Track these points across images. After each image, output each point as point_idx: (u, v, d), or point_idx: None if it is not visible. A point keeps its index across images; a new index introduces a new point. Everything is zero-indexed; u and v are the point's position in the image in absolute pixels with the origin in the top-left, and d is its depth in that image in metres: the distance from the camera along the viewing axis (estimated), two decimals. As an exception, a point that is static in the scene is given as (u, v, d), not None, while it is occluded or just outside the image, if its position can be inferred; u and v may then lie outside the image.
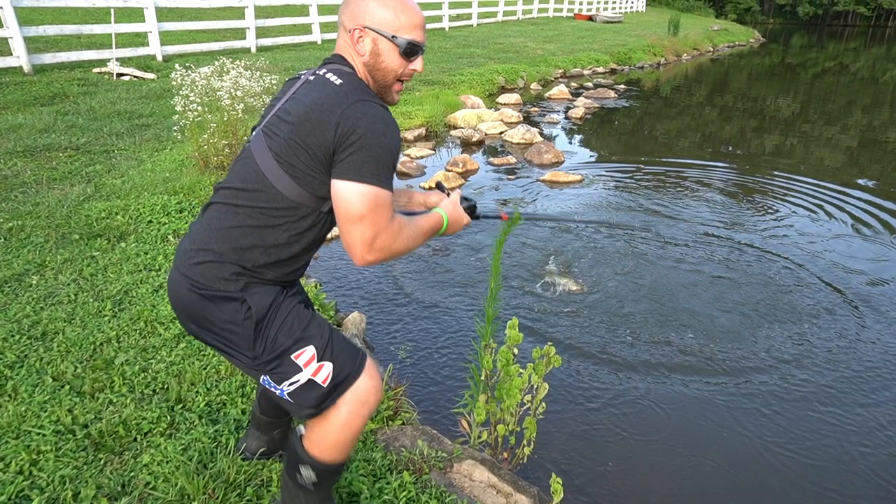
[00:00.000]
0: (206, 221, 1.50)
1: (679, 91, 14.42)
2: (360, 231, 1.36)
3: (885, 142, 9.51)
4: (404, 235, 1.46)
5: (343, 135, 1.34)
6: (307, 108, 1.39)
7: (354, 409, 1.51)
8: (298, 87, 1.49)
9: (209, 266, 1.45)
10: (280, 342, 1.46)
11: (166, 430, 2.23)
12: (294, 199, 1.43)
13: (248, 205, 1.45)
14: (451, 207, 1.68)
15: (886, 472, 2.57)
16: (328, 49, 13.66)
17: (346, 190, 1.35)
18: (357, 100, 1.37)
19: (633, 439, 2.72)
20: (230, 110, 5.16)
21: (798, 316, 3.83)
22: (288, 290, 1.56)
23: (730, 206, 6.09)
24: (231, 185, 1.49)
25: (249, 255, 1.46)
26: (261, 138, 1.47)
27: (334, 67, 1.48)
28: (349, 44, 1.50)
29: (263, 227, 1.45)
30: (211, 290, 1.44)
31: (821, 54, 25.80)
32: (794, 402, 2.99)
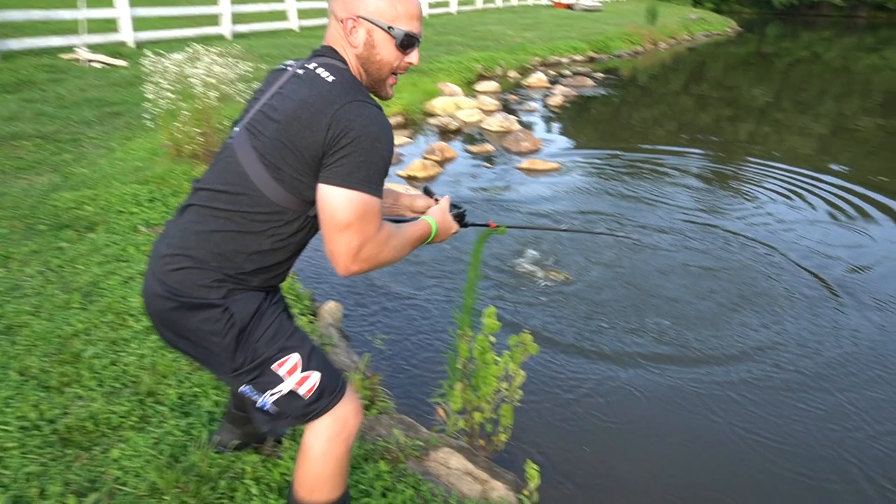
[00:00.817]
0: (185, 225, 1.40)
1: (656, 80, 14.50)
2: (346, 240, 1.28)
3: (855, 130, 9.68)
4: (391, 245, 1.38)
5: (334, 137, 1.25)
6: (296, 106, 1.29)
7: (335, 432, 1.44)
8: (285, 81, 1.38)
9: (188, 272, 1.36)
10: (262, 351, 1.40)
11: (137, 423, 2.19)
12: (279, 203, 1.34)
13: (230, 208, 1.35)
14: (440, 215, 1.61)
15: (855, 455, 2.62)
16: (306, 36, 13.48)
17: (334, 196, 1.27)
18: (350, 100, 1.28)
19: (608, 425, 2.74)
20: (203, 98, 5.06)
21: (772, 301, 3.89)
22: (272, 297, 1.48)
23: (706, 192, 6.15)
24: (211, 186, 1.39)
25: (231, 261, 1.37)
26: (244, 136, 1.37)
27: (325, 62, 1.38)
28: (341, 35, 1.40)
29: (246, 232, 1.36)
30: (191, 298, 1.36)
31: (795, 44, 26.13)
32: (766, 387, 3.04)
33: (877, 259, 4.64)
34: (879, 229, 5.28)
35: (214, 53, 5.38)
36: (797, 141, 8.92)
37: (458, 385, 2.23)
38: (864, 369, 3.21)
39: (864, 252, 4.76)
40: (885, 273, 4.40)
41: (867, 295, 4.02)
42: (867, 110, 11.45)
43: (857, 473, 2.51)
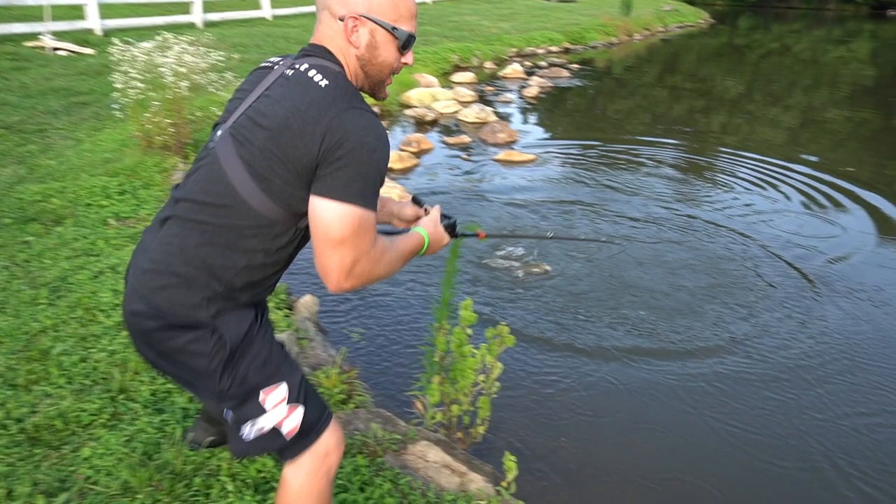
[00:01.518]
0: (166, 239, 1.29)
1: (631, 71, 14.60)
2: (339, 256, 1.21)
3: (823, 121, 9.87)
4: (386, 261, 1.32)
5: (329, 148, 1.18)
6: (287, 113, 1.20)
7: (315, 467, 1.38)
8: (273, 82, 1.28)
9: (174, 291, 1.25)
10: (250, 377, 1.31)
11: (108, 421, 2.15)
12: (268, 216, 1.25)
13: (216, 222, 1.25)
14: (432, 226, 1.54)
15: (822, 442, 2.69)
16: (279, 25, 13.26)
17: (328, 210, 1.19)
18: (346, 107, 1.20)
19: (585, 417, 2.77)
20: (174, 88, 4.95)
21: (745, 291, 3.96)
22: (262, 315, 1.40)
23: (681, 183, 6.23)
24: (194, 197, 1.28)
25: (219, 278, 1.27)
26: (228, 143, 1.26)
27: (318, 63, 1.28)
28: (338, 34, 1.30)
29: (234, 247, 1.26)
30: (177, 318, 1.26)
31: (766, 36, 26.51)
32: (738, 378, 3.09)
33: (847, 248, 4.75)
34: (849, 218, 5.40)
35: (185, 42, 5.27)
36: (769, 132, 9.07)
37: (435, 378, 2.23)
38: (835, 358, 3.29)
39: (834, 241, 4.87)
40: (855, 262, 4.51)
41: (839, 284, 4.12)
42: (835, 102, 11.69)
43: (824, 461, 2.58)
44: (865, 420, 2.83)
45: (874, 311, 3.79)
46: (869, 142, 8.71)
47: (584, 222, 4.99)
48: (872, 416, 2.85)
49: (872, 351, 3.36)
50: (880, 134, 9.25)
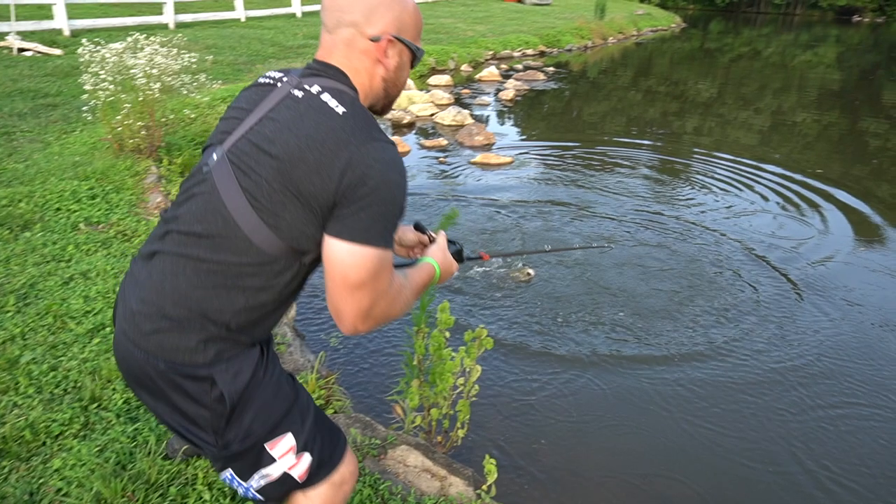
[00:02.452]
0: (158, 277, 1.17)
1: (606, 74, 14.76)
2: (357, 299, 1.12)
3: (792, 124, 10.09)
4: (402, 300, 1.22)
5: (350, 185, 1.06)
6: (301, 143, 1.08)
7: (329, 494, 1.31)
8: (278, 103, 1.15)
9: (167, 336, 1.14)
10: (255, 430, 1.20)
11: (80, 431, 2.09)
12: (271, 252, 1.13)
13: (211, 258, 1.14)
14: (442, 256, 1.45)
15: (797, 441, 2.74)
16: (252, 27, 13.13)
17: (347, 253, 1.09)
18: (367, 139, 1.09)
19: (564, 419, 2.79)
20: (146, 90, 4.87)
21: (723, 293, 4.02)
22: (267, 353, 1.28)
23: (656, 184, 6.31)
24: (188, 229, 1.15)
25: (216, 320, 1.15)
26: (227, 169, 1.14)
27: (332, 86, 1.16)
28: (365, 53, 1.19)
29: (231, 287, 1.14)
30: (171, 366, 1.15)
31: (736, 40, 27.03)
32: (714, 379, 3.14)
33: (820, 248, 4.86)
34: (821, 218, 5.52)
35: (157, 43, 5.19)
36: (741, 134, 9.24)
37: (414, 382, 2.22)
38: (809, 359, 3.35)
39: (808, 241, 4.97)
40: (828, 262, 4.61)
41: (814, 283, 4.21)
42: (803, 105, 11.95)
43: (793, 460, 2.63)
44: (836, 420, 2.89)
45: (849, 310, 3.88)
46: (836, 144, 8.92)
47: (563, 223, 5.03)
48: (845, 417, 2.91)
49: (847, 351, 3.44)
50: (846, 136, 9.49)
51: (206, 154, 1.22)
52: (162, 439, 2.05)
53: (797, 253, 4.72)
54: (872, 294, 4.13)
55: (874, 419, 2.90)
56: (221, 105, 6.80)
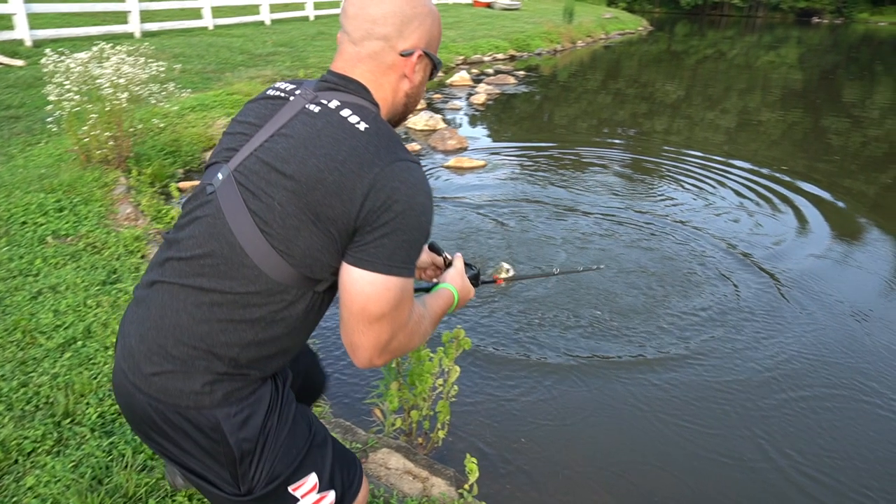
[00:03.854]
0: (157, 311, 1.08)
1: (575, 77, 14.95)
2: (376, 332, 1.04)
3: (758, 123, 10.34)
4: (421, 331, 1.14)
5: (374, 210, 0.98)
6: (320, 162, 0.99)
7: None
8: (292, 119, 1.06)
9: (169, 378, 1.05)
10: (277, 472, 1.12)
11: (53, 447, 2.05)
12: (282, 281, 1.04)
13: (216, 288, 1.04)
14: (461, 282, 1.36)
15: (775, 431, 2.81)
16: (221, 35, 13.01)
17: (368, 283, 1.00)
18: (393, 160, 1.01)
19: (543, 419, 2.81)
20: (113, 99, 4.80)
21: (699, 290, 4.09)
22: (282, 388, 1.17)
23: (629, 183, 6.41)
24: (189, 255, 1.06)
25: (223, 356, 1.05)
26: (234, 191, 1.04)
27: (353, 102, 1.08)
28: (392, 67, 1.12)
29: (240, 320, 1.04)
30: (177, 409, 1.06)
31: (702, 42, 27.60)
32: (690, 375, 3.19)
33: (789, 241, 4.99)
34: (789, 213, 5.66)
35: (123, 52, 5.12)
36: (708, 134, 9.43)
37: (393, 384, 2.22)
38: (782, 351, 3.43)
39: (777, 235, 5.10)
40: (798, 255, 4.73)
41: (786, 275, 4.31)
42: (768, 104, 12.26)
43: (771, 450, 2.69)
44: (814, 411, 2.97)
45: (822, 302, 3.98)
46: (800, 141, 9.17)
47: (539, 222, 5.07)
48: (823, 409, 2.99)
49: (823, 344, 3.53)
50: (809, 134, 9.75)
51: (209, 172, 1.13)
52: (139, 451, 2.02)
53: (768, 247, 4.84)
54: (843, 285, 4.25)
55: (852, 409, 2.98)
56: (191, 114, 6.72)
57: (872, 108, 12.28)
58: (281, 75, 9.23)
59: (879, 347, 3.50)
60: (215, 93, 7.65)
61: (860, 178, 7.16)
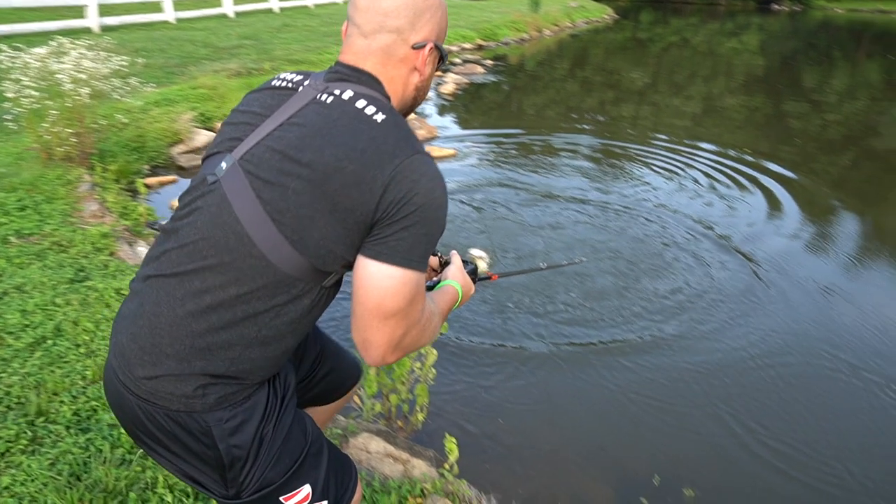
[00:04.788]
0: (151, 308, 1.02)
1: (543, 66, 15.03)
2: (391, 329, 1.00)
3: (722, 108, 10.56)
4: (431, 328, 1.12)
5: (394, 203, 0.96)
6: (338, 152, 0.96)
7: None
8: (303, 108, 1.03)
9: (162, 382, 1.01)
10: (269, 480, 1.09)
11: (28, 446, 2.03)
12: (291, 274, 1.00)
13: (219, 281, 0.99)
14: (462, 277, 1.34)
15: (739, 406, 2.91)
16: (183, 29, 12.74)
17: (386, 277, 0.97)
18: (412, 152, 0.99)
19: (519, 401, 2.87)
20: (74, 95, 4.69)
21: (668, 270, 4.19)
22: (279, 393, 1.13)
23: (598, 169, 6.50)
24: (190, 247, 1.02)
25: (222, 357, 1.01)
26: (241, 179, 1.00)
27: (366, 93, 1.05)
28: (404, 60, 1.10)
29: (243, 317, 1.00)
30: (167, 412, 1.02)
31: (666, 30, 27.95)
32: (661, 356, 3.26)
33: (750, 221, 5.13)
34: (752, 196, 5.82)
35: (83, 47, 5.00)
36: (675, 119, 9.60)
37: (371, 369, 2.24)
38: (753, 330, 3.54)
39: (741, 217, 5.24)
40: (759, 234, 4.87)
41: (756, 256, 4.44)
42: (731, 90, 12.51)
43: (737, 424, 2.79)
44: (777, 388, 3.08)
45: (787, 279, 4.12)
46: (762, 126, 9.39)
47: (511, 209, 5.12)
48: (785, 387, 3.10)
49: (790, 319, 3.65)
50: (772, 118, 10.00)
51: (208, 164, 1.09)
52: (117, 446, 2.01)
53: (738, 227, 4.97)
54: (812, 263, 4.41)
55: (821, 382, 3.10)
56: (155, 109, 6.59)
57: (831, 93, 12.63)
58: (247, 68, 9.09)
59: (847, 321, 3.64)
60: (179, 87, 7.51)
61: (822, 160, 7.39)
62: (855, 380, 3.10)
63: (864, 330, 3.56)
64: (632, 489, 2.41)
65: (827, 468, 2.53)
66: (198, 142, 6.29)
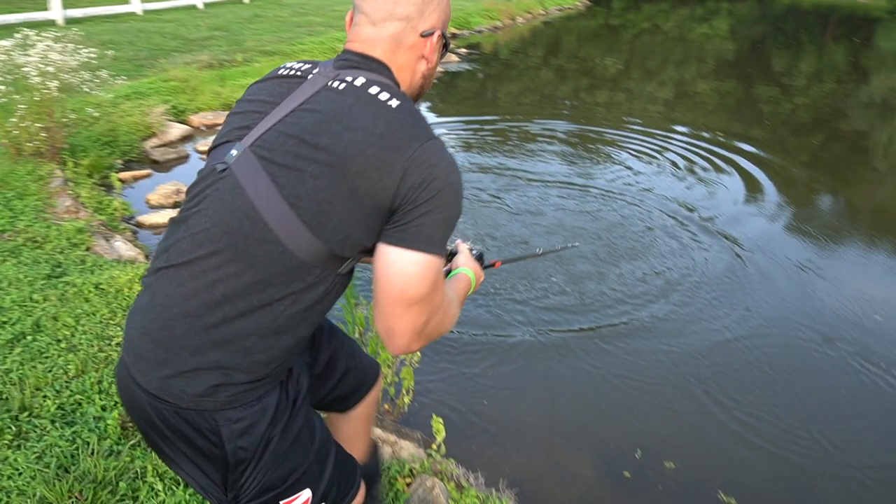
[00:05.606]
0: (163, 300, 1.00)
1: (517, 53, 15.06)
2: (414, 316, 0.99)
3: (694, 93, 10.70)
4: (451, 314, 1.11)
5: (414, 188, 0.95)
6: (357, 136, 0.95)
7: None
8: (315, 95, 1.02)
9: (174, 379, 0.99)
10: (270, 484, 1.07)
11: (13, 441, 2.02)
12: (307, 260, 0.98)
13: (233, 269, 0.97)
14: (473, 265, 1.34)
15: (709, 381, 3.00)
16: (151, 20, 12.49)
17: (410, 263, 0.96)
18: (428, 137, 0.99)
19: (503, 383, 2.92)
20: (42, 89, 4.59)
21: (646, 252, 4.27)
22: (292, 396, 1.11)
23: (573, 155, 6.56)
24: (202, 236, 0.99)
25: (237, 348, 0.99)
26: (255, 165, 0.98)
27: (378, 80, 1.05)
28: (413, 48, 1.10)
29: (259, 306, 0.98)
30: (176, 410, 1.00)
31: (638, 16, 28.14)
32: (639, 337, 3.33)
33: (727, 203, 5.25)
34: (727, 178, 5.94)
35: (50, 39, 4.89)
36: (648, 105, 9.71)
37: (358, 356, 2.26)
38: (720, 308, 3.64)
39: (719, 198, 5.36)
40: (739, 216, 4.98)
41: (723, 237, 4.54)
42: (703, 75, 12.68)
43: (709, 398, 2.88)
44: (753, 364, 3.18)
45: (751, 257, 4.22)
46: (734, 110, 9.55)
47: (493, 192, 5.16)
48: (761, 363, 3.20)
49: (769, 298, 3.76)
50: (743, 103, 10.17)
51: (215, 154, 1.07)
52: (104, 437, 2.01)
53: (716, 209, 5.08)
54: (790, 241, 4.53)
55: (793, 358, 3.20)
56: (126, 103, 6.47)
57: (799, 76, 12.87)
58: (218, 60, 8.96)
59: (823, 296, 3.76)
60: (150, 80, 7.38)
61: (793, 141, 7.56)
62: (830, 351, 3.22)
63: (839, 304, 3.69)
64: (615, 463, 2.48)
65: (799, 438, 2.63)
66: (171, 135, 6.21)
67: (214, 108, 7.08)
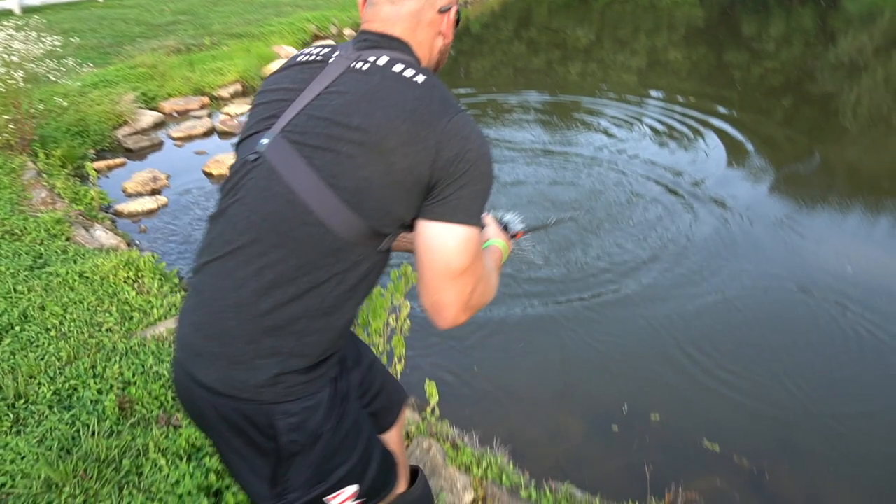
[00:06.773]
0: (211, 294, 1.01)
1: (488, 28, 14.97)
2: (460, 288, 1.00)
3: (666, 62, 10.77)
4: (492, 283, 1.12)
5: (449, 161, 0.96)
6: (389, 113, 0.96)
7: None
8: (339, 77, 1.02)
9: (235, 373, 0.99)
10: (318, 479, 1.08)
11: (12, 427, 2.04)
12: (349, 239, 0.98)
13: (277, 256, 0.97)
14: (504, 237, 1.35)
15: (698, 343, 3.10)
16: (112, 7, 12.16)
17: (451, 237, 0.97)
18: (457, 111, 1.00)
19: (492, 350, 3.00)
20: (7, 79, 4.49)
21: (630, 219, 4.34)
22: (344, 392, 1.12)
23: (553, 123, 6.61)
24: (243, 226, 1.00)
25: (289, 332, 0.99)
26: (288, 150, 0.98)
27: (401, 58, 1.05)
28: (432, 24, 1.11)
29: (307, 289, 0.98)
30: (234, 403, 1.00)
31: (607, -14, 28.09)
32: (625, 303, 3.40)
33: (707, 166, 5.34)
34: (704, 143, 6.03)
35: (11, 28, 4.78)
36: (622, 74, 9.76)
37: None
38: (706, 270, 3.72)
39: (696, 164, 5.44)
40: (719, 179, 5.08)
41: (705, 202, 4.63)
42: (674, 43, 12.75)
43: (691, 355, 2.99)
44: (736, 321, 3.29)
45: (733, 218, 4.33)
46: (706, 77, 9.64)
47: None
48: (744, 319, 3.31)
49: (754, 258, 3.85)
50: (714, 69, 10.27)
51: (244, 147, 1.07)
52: (104, 419, 2.04)
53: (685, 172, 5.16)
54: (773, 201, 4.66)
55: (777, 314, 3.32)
56: (94, 91, 6.35)
57: (769, 41, 13.00)
58: (186, 45, 8.79)
59: (806, 254, 3.89)
60: (117, 67, 7.23)
61: (764, 104, 7.67)
62: (807, 305, 3.34)
63: (817, 259, 3.81)
64: (603, 419, 2.57)
65: (778, 387, 2.75)
66: (143, 122, 6.11)
67: (185, 94, 6.98)
